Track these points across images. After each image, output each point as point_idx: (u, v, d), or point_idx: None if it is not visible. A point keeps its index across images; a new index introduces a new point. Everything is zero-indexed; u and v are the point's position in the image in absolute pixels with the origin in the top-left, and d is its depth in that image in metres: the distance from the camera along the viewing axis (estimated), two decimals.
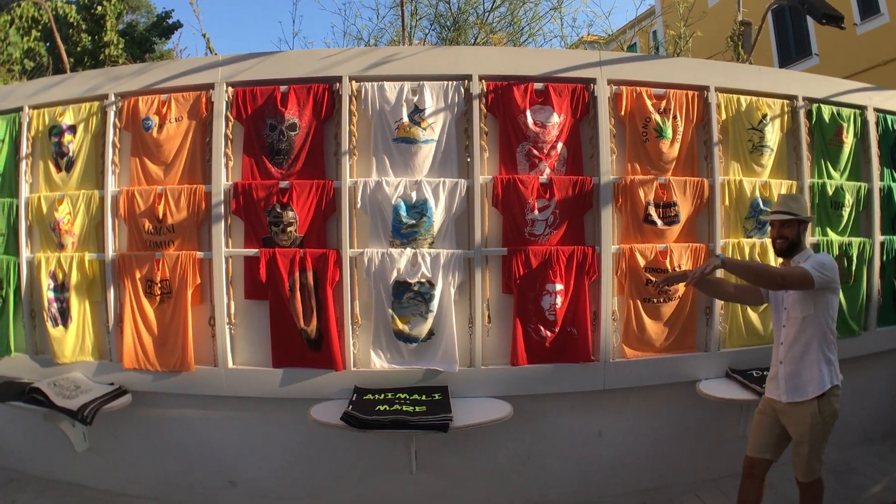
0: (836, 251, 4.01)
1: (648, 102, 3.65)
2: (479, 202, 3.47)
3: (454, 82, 3.53)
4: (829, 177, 4.09)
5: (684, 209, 3.67)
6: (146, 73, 3.68)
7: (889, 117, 4.35)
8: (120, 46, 9.91)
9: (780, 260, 3.02)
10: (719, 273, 3.01)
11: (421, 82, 3.51)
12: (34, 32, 9.49)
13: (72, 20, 9.85)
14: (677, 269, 3.59)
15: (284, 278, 3.40)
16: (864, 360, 4.11)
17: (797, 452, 2.76)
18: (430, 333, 3.44)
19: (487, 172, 3.54)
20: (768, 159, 3.92)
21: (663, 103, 3.67)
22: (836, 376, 2.74)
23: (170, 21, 12.53)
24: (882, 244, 4.25)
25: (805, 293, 2.70)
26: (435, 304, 3.41)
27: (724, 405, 3.55)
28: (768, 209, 3.83)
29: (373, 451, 3.46)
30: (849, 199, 4.10)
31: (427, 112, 3.49)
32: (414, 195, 3.42)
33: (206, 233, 3.56)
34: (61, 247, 3.70)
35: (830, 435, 2.75)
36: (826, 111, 4.05)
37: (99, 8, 9.88)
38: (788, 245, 2.84)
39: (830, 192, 4.03)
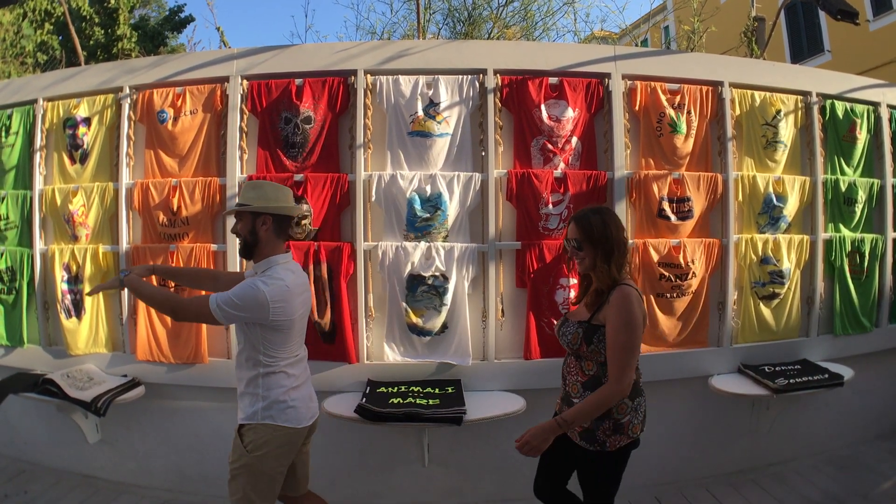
0: (848, 247, 4.00)
1: (663, 97, 3.65)
2: (493, 196, 3.47)
3: (469, 76, 3.53)
4: (843, 173, 4.08)
5: (698, 204, 3.66)
6: (161, 65, 3.68)
7: None
8: (133, 40, 9.94)
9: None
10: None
11: (436, 76, 3.51)
12: (47, 25, 9.51)
13: (84, 13, 9.86)
14: (690, 265, 3.59)
15: None
16: (875, 357, 4.12)
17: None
18: (444, 327, 3.45)
19: (502, 166, 3.54)
20: (782, 155, 3.91)
21: (678, 98, 3.67)
22: (270, 414, 2.29)
23: (181, 15, 12.56)
24: (894, 241, 4.24)
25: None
26: (449, 297, 3.42)
27: (736, 400, 3.54)
28: (781, 205, 3.84)
29: (385, 443, 3.47)
30: (862, 196, 4.08)
31: (442, 106, 3.48)
32: (428, 189, 3.42)
33: (220, 225, 3.57)
34: (75, 239, 3.71)
35: (266, 486, 2.30)
36: (840, 107, 4.04)
37: (112, 1, 9.89)
38: (244, 244, 2.39)
39: (843, 189, 4.02)
